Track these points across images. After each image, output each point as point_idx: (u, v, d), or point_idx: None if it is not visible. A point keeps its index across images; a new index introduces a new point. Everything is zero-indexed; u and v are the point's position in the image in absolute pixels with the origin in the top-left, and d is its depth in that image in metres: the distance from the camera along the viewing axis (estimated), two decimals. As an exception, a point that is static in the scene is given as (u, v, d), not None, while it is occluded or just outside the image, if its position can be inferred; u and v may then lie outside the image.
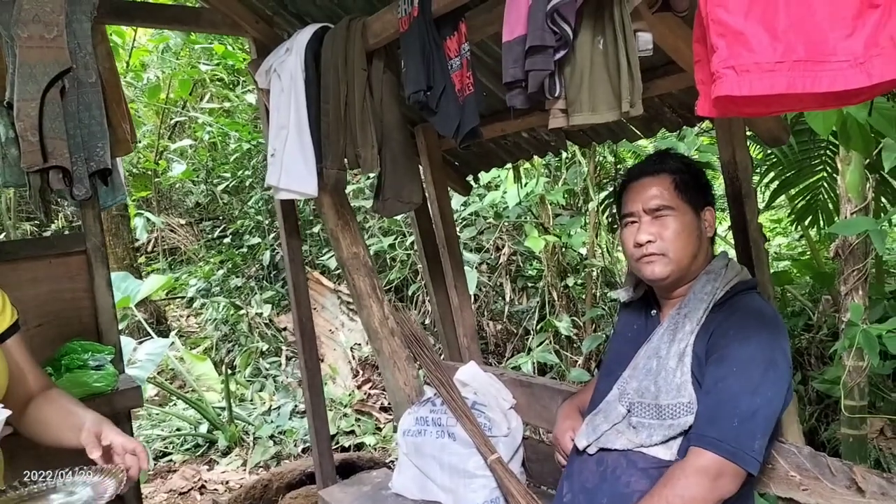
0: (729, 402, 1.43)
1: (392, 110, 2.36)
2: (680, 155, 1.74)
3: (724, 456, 1.40)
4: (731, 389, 1.44)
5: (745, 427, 1.41)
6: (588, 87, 1.58)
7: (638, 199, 1.67)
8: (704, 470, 1.40)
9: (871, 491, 1.56)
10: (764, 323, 1.53)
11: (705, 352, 1.54)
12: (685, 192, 1.64)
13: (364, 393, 5.57)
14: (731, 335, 1.52)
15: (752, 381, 1.44)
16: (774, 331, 1.52)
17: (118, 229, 7.45)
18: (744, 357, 1.47)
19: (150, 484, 4.53)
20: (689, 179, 1.66)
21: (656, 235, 1.63)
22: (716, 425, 1.43)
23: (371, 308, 2.80)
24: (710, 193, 1.72)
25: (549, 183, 5.15)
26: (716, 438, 1.41)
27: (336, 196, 2.75)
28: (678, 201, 1.63)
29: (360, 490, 2.72)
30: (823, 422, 4.25)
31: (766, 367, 1.46)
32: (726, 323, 1.55)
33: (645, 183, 1.67)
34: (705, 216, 1.68)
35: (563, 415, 1.97)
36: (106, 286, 2.49)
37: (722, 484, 1.41)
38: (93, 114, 2.37)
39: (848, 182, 3.14)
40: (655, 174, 1.67)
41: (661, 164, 1.69)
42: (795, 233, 6.59)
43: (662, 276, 1.64)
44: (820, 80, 1.10)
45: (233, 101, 8.14)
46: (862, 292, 3.25)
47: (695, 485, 1.40)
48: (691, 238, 1.63)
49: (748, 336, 1.50)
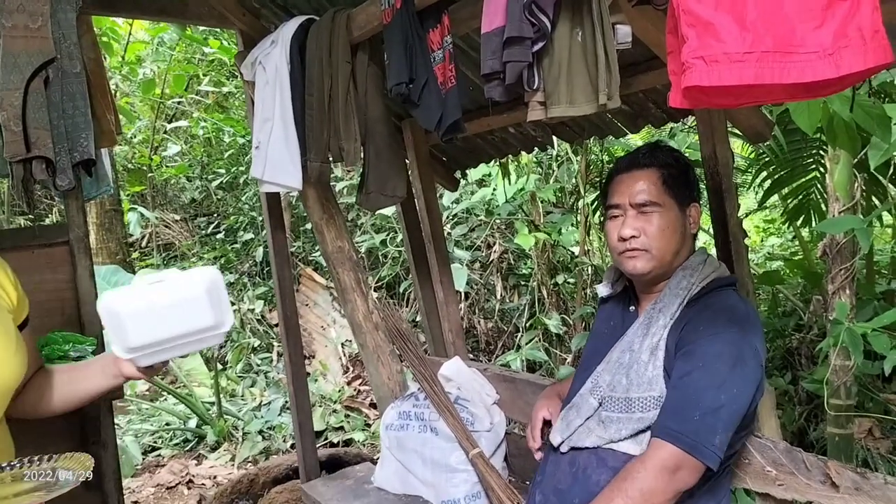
0: (693, 395, 1.43)
1: (376, 103, 2.36)
2: (670, 148, 1.72)
3: (683, 449, 1.39)
4: (697, 384, 1.44)
5: (707, 421, 1.40)
6: (566, 79, 1.58)
7: (625, 192, 1.65)
8: (663, 462, 1.40)
9: (844, 486, 1.56)
10: (735, 319, 1.52)
11: (675, 346, 1.54)
12: (672, 187, 1.63)
13: (354, 389, 5.57)
14: (700, 330, 1.51)
15: (718, 376, 1.44)
16: (746, 327, 1.52)
17: (111, 224, 7.44)
18: (711, 352, 1.47)
19: (138, 478, 4.53)
20: (678, 174, 1.65)
21: (640, 230, 1.62)
22: (677, 418, 1.42)
23: (355, 302, 2.80)
24: (696, 189, 1.71)
25: (540, 180, 5.14)
26: (676, 431, 1.41)
27: (321, 189, 2.75)
28: (664, 197, 1.62)
29: (343, 484, 2.72)
30: (812, 422, 4.25)
31: (733, 364, 1.45)
32: (697, 318, 1.55)
33: (633, 175, 1.65)
34: (691, 212, 1.67)
35: (543, 395, 1.99)
36: (89, 277, 2.48)
37: (680, 477, 1.41)
38: (77, 104, 2.36)
39: (836, 181, 3.14)
40: (644, 167, 1.65)
41: (650, 157, 1.67)
42: (789, 233, 6.60)
43: (644, 272, 1.64)
44: (788, 71, 1.10)
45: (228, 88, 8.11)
46: (849, 291, 3.25)
47: (653, 478, 1.40)
48: (675, 235, 1.63)
49: (717, 332, 1.49)
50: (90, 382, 1.50)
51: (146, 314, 1.33)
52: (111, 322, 1.33)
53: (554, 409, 1.89)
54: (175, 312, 1.35)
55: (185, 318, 1.37)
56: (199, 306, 1.38)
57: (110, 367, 1.45)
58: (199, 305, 1.37)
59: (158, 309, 1.34)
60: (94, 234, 7.27)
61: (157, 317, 1.34)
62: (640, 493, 1.39)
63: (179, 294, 1.36)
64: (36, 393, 1.51)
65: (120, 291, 1.34)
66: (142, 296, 1.34)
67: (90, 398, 1.54)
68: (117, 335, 1.34)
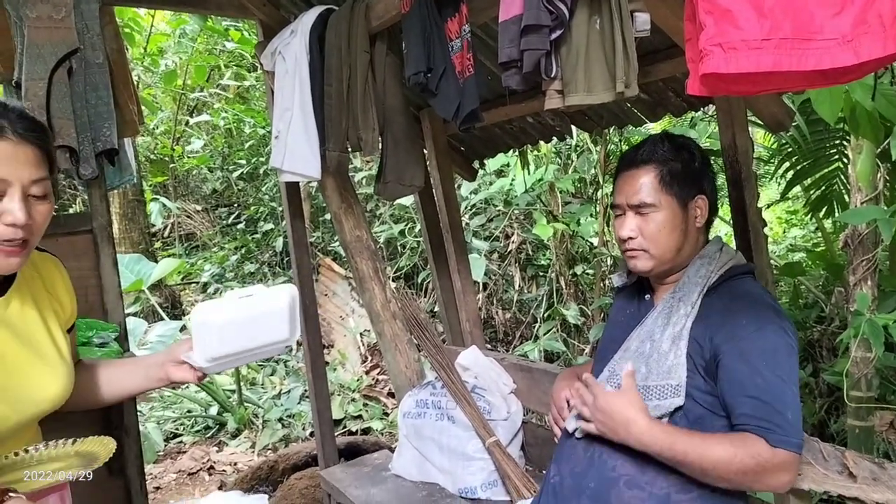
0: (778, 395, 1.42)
1: (394, 93, 2.37)
2: (673, 140, 1.67)
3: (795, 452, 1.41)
4: (771, 384, 1.43)
5: (796, 418, 1.42)
6: (584, 67, 1.58)
7: (624, 192, 1.65)
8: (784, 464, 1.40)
9: (862, 476, 1.56)
10: (771, 310, 1.52)
11: (709, 338, 1.53)
12: (672, 184, 1.60)
13: (372, 378, 5.60)
14: (744, 325, 1.49)
15: (783, 371, 1.44)
16: (781, 315, 1.52)
17: (134, 214, 7.52)
18: (768, 349, 1.46)
19: (160, 464, 4.59)
20: (679, 169, 1.61)
21: (638, 231, 1.61)
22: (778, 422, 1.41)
23: (373, 291, 2.82)
24: (703, 180, 1.65)
25: (559, 170, 5.13)
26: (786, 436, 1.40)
27: (339, 179, 2.77)
28: (662, 196, 1.59)
29: (361, 471, 2.74)
30: (833, 414, 4.22)
31: (787, 355, 1.46)
32: (733, 313, 1.53)
33: (632, 174, 1.64)
34: (696, 206, 1.63)
35: (562, 377, 1.97)
36: (112, 265, 2.52)
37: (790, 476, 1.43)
38: (100, 94, 2.39)
39: (858, 171, 3.10)
40: (642, 165, 1.62)
41: (649, 153, 1.63)
42: (811, 224, 6.53)
43: (644, 271, 1.65)
44: (807, 58, 1.09)
45: (249, 81, 8.16)
46: (871, 283, 3.22)
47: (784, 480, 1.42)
48: (675, 233, 1.60)
49: (761, 326, 1.48)
50: (130, 383, 1.54)
51: (234, 326, 1.40)
52: (201, 332, 1.39)
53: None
54: (258, 325, 1.44)
55: (266, 331, 1.46)
56: (280, 320, 1.47)
57: (155, 371, 1.49)
58: (279, 319, 1.47)
59: (245, 321, 1.42)
60: (117, 224, 7.36)
61: (243, 329, 1.42)
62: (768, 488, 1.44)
63: (265, 308, 1.45)
64: (80, 389, 1.50)
65: (213, 304, 1.41)
66: (233, 309, 1.41)
67: (126, 397, 1.59)
68: (203, 344, 1.40)
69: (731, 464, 1.40)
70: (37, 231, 1.24)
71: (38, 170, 1.20)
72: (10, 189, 1.16)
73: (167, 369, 1.46)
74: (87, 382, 1.52)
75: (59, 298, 1.44)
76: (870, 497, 1.53)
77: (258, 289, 1.47)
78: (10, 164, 1.16)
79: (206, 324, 1.38)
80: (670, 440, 1.44)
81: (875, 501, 1.52)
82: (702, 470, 1.43)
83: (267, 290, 1.47)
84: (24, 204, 1.17)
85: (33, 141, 1.20)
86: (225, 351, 1.41)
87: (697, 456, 1.42)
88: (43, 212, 1.24)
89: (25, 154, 1.18)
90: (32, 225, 1.21)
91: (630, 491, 1.51)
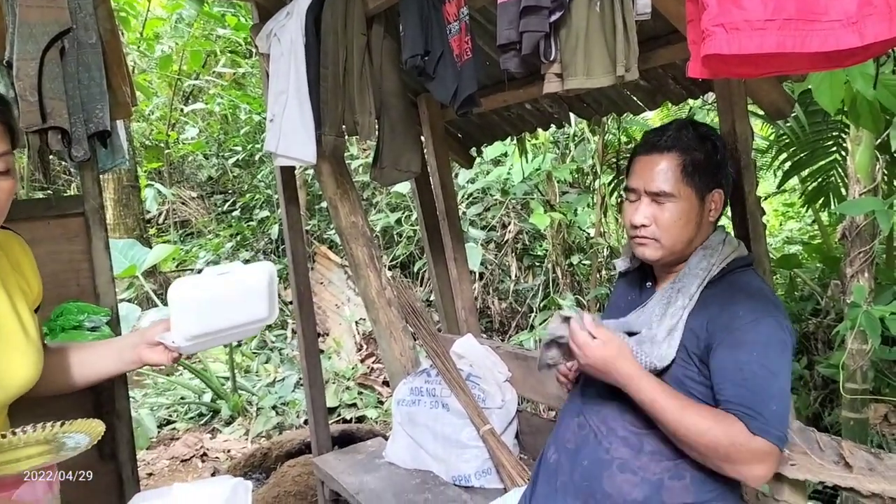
0: (764, 387, 1.41)
1: (391, 77, 2.34)
2: (698, 127, 1.61)
3: (778, 445, 1.39)
4: (760, 375, 1.41)
5: (781, 411, 1.40)
6: (583, 50, 1.56)
7: (642, 177, 1.59)
8: (764, 454, 1.38)
9: (858, 466, 1.55)
10: (769, 303, 1.50)
11: (705, 328, 1.51)
12: (692, 175, 1.55)
13: (367, 367, 5.59)
14: (741, 316, 1.48)
15: (774, 364, 1.42)
16: (780, 309, 1.51)
17: (129, 200, 7.48)
18: (761, 340, 1.44)
19: (153, 450, 4.58)
20: (702, 160, 1.56)
21: (652, 220, 1.57)
22: (761, 412, 1.39)
23: (368, 278, 2.80)
24: (722, 173, 1.61)
25: (556, 160, 5.11)
26: (765, 424, 1.38)
27: (335, 164, 2.74)
28: (681, 186, 1.55)
29: (355, 458, 2.73)
30: (828, 406, 4.23)
31: (781, 349, 1.44)
32: (732, 304, 1.51)
33: (653, 159, 1.58)
34: (712, 199, 1.59)
35: None
36: (104, 248, 2.49)
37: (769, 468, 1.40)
38: (92, 75, 2.36)
39: (857, 162, 3.08)
40: (665, 151, 1.57)
41: (673, 140, 1.57)
42: (808, 217, 6.53)
43: (652, 260, 1.62)
44: (811, 39, 1.07)
45: (245, 68, 8.11)
46: (868, 275, 3.21)
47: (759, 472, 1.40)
48: (689, 226, 1.57)
49: (758, 318, 1.46)
50: (103, 366, 1.49)
51: (212, 304, 1.38)
52: (179, 309, 1.36)
53: None
54: (236, 303, 1.42)
55: (244, 308, 1.43)
56: (259, 298, 1.45)
57: (128, 353, 1.45)
58: (258, 297, 1.44)
59: (223, 299, 1.39)
60: (112, 210, 7.32)
61: (221, 306, 1.39)
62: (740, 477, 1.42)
63: (244, 285, 1.43)
64: (46, 374, 1.44)
65: (190, 280, 1.39)
66: (211, 286, 1.38)
67: (100, 380, 1.52)
68: (180, 323, 1.37)
69: (704, 435, 1.38)
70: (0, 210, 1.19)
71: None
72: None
73: (140, 351, 1.43)
74: (57, 366, 1.47)
75: (25, 277, 1.39)
76: (866, 487, 1.52)
77: (236, 266, 1.45)
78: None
79: (183, 300, 1.35)
80: (653, 395, 1.44)
81: (871, 492, 1.51)
82: (675, 433, 1.42)
83: (245, 267, 1.45)
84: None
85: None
86: (204, 329, 1.38)
87: (674, 418, 1.41)
88: (5, 188, 1.19)
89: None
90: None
91: (622, 474, 1.51)
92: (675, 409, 1.42)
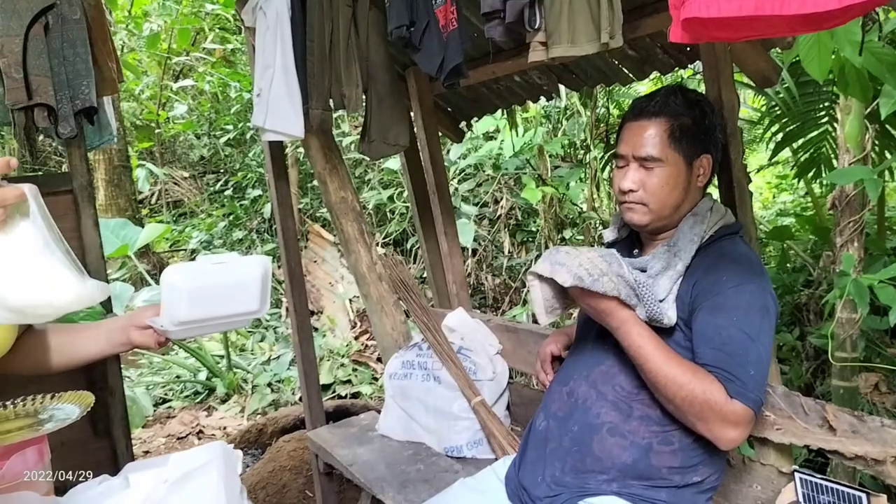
0: (741, 351, 1.42)
1: (378, 50, 2.33)
2: (686, 94, 1.62)
3: (753, 408, 1.39)
4: (738, 339, 1.42)
5: (758, 377, 1.41)
6: (567, 17, 1.55)
7: (630, 142, 1.60)
8: (738, 418, 1.39)
9: (841, 429, 1.57)
10: (754, 270, 1.51)
11: (691, 295, 1.53)
12: (680, 140, 1.57)
13: (361, 344, 5.62)
14: (723, 281, 1.49)
15: (753, 328, 1.43)
16: (764, 277, 1.52)
17: (120, 180, 7.46)
18: (742, 305, 1.45)
19: (149, 429, 4.61)
20: (690, 125, 1.57)
21: (640, 184, 1.58)
22: (737, 375, 1.40)
23: (359, 253, 2.80)
24: (710, 138, 1.62)
25: (548, 134, 5.09)
26: (742, 388, 1.39)
27: (323, 138, 2.73)
28: (669, 151, 1.56)
29: (348, 432, 2.75)
30: (819, 377, 4.26)
31: (762, 315, 1.45)
32: (716, 269, 1.52)
33: (641, 125, 1.59)
34: (700, 164, 1.60)
35: (552, 334, 2.01)
36: (93, 226, 2.48)
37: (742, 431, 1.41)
38: (77, 51, 2.34)
39: (847, 132, 3.08)
40: (653, 116, 1.58)
41: (661, 105, 1.58)
42: (801, 189, 6.53)
43: (640, 225, 1.63)
44: (790, 2, 1.07)
45: (234, 45, 8.05)
46: (857, 244, 3.22)
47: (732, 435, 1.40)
48: (676, 190, 1.58)
49: (741, 283, 1.48)
50: (91, 347, 1.49)
51: (204, 292, 1.38)
52: (170, 294, 1.37)
53: (563, 344, 1.91)
54: (228, 294, 1.42)
55: (236, 300, 1.43)
56: (251, 291, 1.45)
57: (117, 336, 1.45)
58: (251, 290, 1.44)
59: (216, 288, 1.40)
60: (103, 191, 7.30)
61: (213, 296, 1.40)
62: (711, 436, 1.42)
63: (237, 277, 1.43)
64: (27, 354, 1.48)
65: (184, 266, 1.40)
66: (204, 274, 1.39)
67: (88, 361, 1.52)
68: (171, 308, 1.38)
69: (681, 388, 1.40)
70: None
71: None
72: None
73: (129, 333, 1.44)
74: (43, 348, 1.48)
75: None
76: (849, 449, 1.54)
77: (231, 256, 1.45)
78: None
79: (176, 285, 1.36)
80: (641, 341, 1.45)
81: (854, 454, 1.54)
82: (655, 382, 1.44)
83: (240, 258, 1.46)
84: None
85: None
86: (193, 316, 1.39)
87: (657, 366, 1.43)
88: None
89: None
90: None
91: (612, 438, 1.53)
92: (660, 358, 1.43)
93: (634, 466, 1.51)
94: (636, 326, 1.46)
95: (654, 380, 1.44)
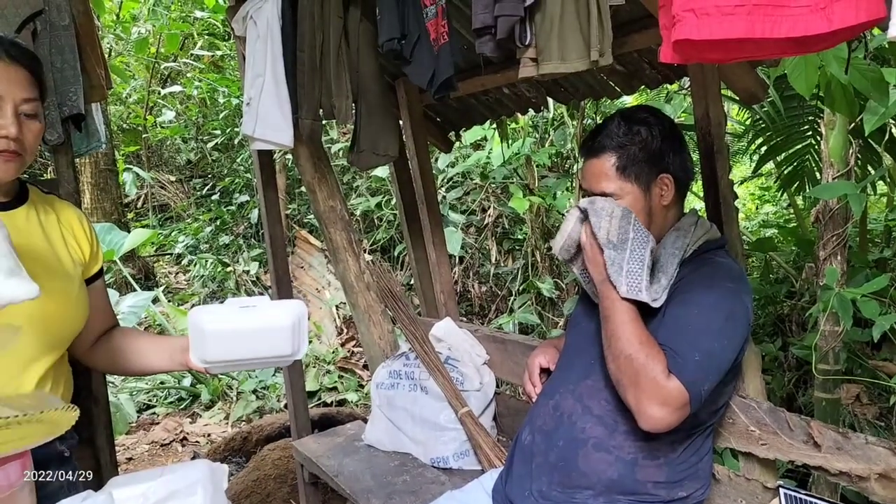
0: (692, 338, 1.43)
1: (368, 61, 2.33)
2: (629, 118, 1.62)
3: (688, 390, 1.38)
4: (695, 327, 1.44)
5: (703, 365, 1.41)
6: (558, 34, 1.56)
7: (586, 179, 1.66)
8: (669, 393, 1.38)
9: (826, 445, 1.58)
10: (730, 277, 1.53)
11: (668, 301, 1.54)
12: (631, 170, 1.58)
13: (347, 351, 5.61)
14: (695, 282, 1.52)
15: (714, 324, 1.44)
16: (740, 285, 1.52)
17: (106, 184, 7.39)
18: (707, 302, 1.47)
19: (133, 435, 4.57)
20: (637, 153, 1.58)
21: None
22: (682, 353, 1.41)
23: (347, 262, 2.80)
24: (666, 157, 1.60)
25: (535, 144, 5.11)
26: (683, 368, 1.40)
27: (313, 148, 2.73)
28: (622, 184, 1.58)
29: (334, 441, 2.74)
30: (801, 388, 4.29)
31: (727, 316, 1.46)
32: (692, 275, 1.55)
33: (591, 164, 1.63)
34: (660, 185, 1.60)
35: (540, 346, 2.01)
36: (79, 233, 2.47)
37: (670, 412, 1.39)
38: (65, 58, 2.32)
39: (831, 147, 3.12)
40: (600, 153, 1.61)
41: (605, 139, 1.61)
42: (784, 201, 6.59)
43: None
44: (780, 24, 1.08)
45: (223, 51, 8.02)
46: (841, 258, 3.26)
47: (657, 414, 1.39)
48: (641, 216, 1.57)
49: (713, 285, 1.50)
50: (157, 359, 1.59)
51: (228, 336, 1.40)
52: (195, 333, 1.40)
53: (551, 356, 1.91)
54: (257, 338, 1.42)
55: (266, 345, 1.43)
56: (282, 337, 1.44)
57: (179, 356, 1.52)
58: (281, 336, 1.43)
59: (241, 333, 1.40)
60: (89, 194, 7.24)
61: (239, 340, 1.41)
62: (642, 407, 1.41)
63: (265, 323, 1.42)
64: (108, 353, 1.61)
65: (209, 309, 1.42)
66: (229, 318, 1.40)
67: (150, 373, 1.69)
68: (197, 346, 1.41)
69: (629, 346, 1.42)
70: (29, 148, 1.35)
71: (29, 90, 1.33)
72: (2, 104, 1.28)
73: (186, 357, 1.49)
74: (123, 351, 1.60)
75: (76, 237, 1.53)
76: (833, 466, 1.56)
77: (262, 300, 1.44)
78: (2, 83, 1.28)
79: (198, 327, 1.39)
80: (621, 307, 1.46)
81: (839, 470, 1.55)
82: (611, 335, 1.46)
83: (272, 303, 1.45)
84: (16, 119, 1.30)
85: (25, 64, 1.34)
86: (218, 357, 1.41)
87: (620, 320, 1.45)
88: (34, 129, 1.36)
89: (17, 74, 1.31)
90: (24, 140, 1.32)
91: (597, 453, 1.53)
92: (627, 317, 1.45)
93: (620, 482, 1.52)
94: (616, 300, 1.48)
95: (612, 333, 1.45)
